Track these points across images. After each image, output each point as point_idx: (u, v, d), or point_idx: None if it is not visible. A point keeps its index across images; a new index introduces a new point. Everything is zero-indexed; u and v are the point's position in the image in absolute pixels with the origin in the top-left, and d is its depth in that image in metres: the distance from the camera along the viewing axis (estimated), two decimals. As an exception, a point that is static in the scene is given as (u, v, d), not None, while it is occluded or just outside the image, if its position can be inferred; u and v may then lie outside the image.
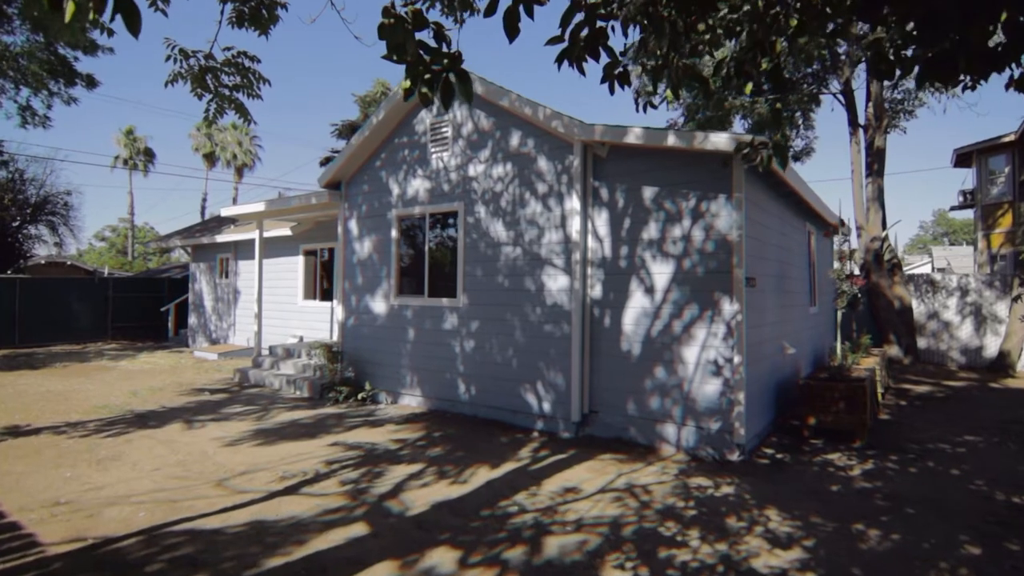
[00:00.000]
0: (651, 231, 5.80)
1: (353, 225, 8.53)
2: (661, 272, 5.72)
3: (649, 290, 5.79)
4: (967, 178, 19.81)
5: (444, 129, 7.38)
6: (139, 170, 44.93)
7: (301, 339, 12.27)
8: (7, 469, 4.82)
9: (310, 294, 12.45)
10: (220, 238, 14.19)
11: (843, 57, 12.20)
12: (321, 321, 11.95)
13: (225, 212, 10.55)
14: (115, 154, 43.02)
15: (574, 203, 6.13)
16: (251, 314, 13.83)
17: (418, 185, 7.67)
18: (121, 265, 41.11)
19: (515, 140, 6.69)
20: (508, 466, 5.03)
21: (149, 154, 45.12)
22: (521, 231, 6.62)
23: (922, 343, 12.32)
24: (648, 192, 5.82)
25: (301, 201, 9.07)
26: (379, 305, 8.10)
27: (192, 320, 15.89)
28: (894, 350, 11.79)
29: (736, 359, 5.24)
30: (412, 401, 7.67)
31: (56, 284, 16.46)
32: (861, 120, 12.30)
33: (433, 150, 7.51)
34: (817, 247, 9.10)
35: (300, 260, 12.49)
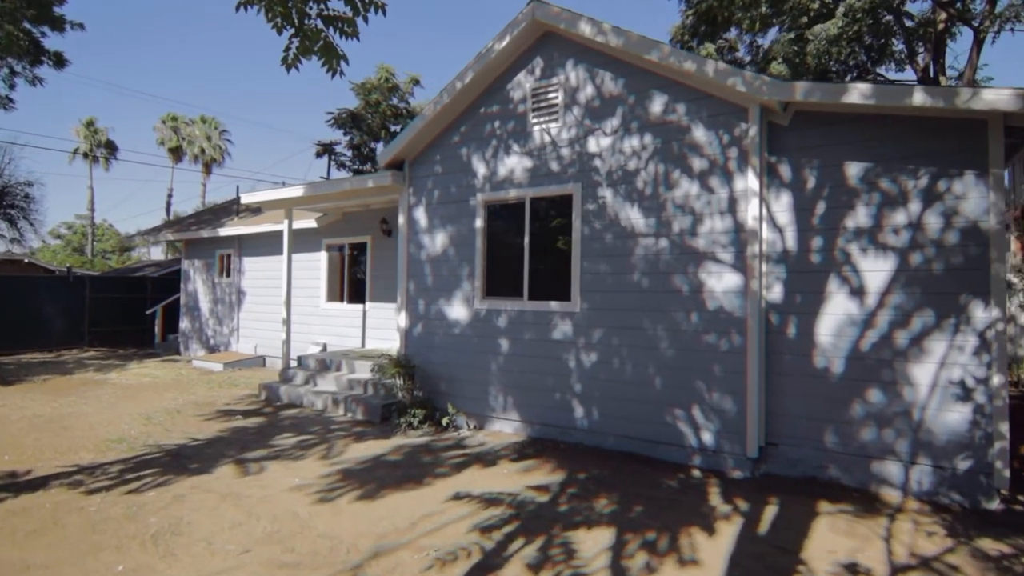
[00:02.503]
0: (858, 217, 4.61)
1: (420, 214, 7.08)
2: (875, 269, 4.53)
3: (856, 292, 4.60)
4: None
5: (552, 95, 6.04)
6: (99, 163, 41.85)
7: (324, 347, 10.68)
8: (20, 559, 3.24)
9: (335, 295, 10.87)
10: (223, 231, 12.40)
11: (919, 41, 11.38)
12: (349, 327, 10.39)
13: (247, 199, 8.91)
14: (73, 146, 39.81)
15: (749, 182, 4.89)
16: (257, 318, 12.14)
17: (514, 164, 6.30)
18: (82, 264, 38.00)
19: (657, 106, 5.41)
20: (725, 528, 3.75)
21: (111, 147, 42.10)
22: (667, 218, 5.34)
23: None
24: (854, 168, 4.63)
25: (354, 184, 7.55)
26: (458, 310, 6.68)
27: (184, 324, 14.00)
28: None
29: (996, 380, 4.09)
30: (506, 427, 6.28)
31: (24, 283, 14.28)
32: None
33: (535, 121, 6.15)
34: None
35: (323, 257, 10.90)
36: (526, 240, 6.18)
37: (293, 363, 9.41)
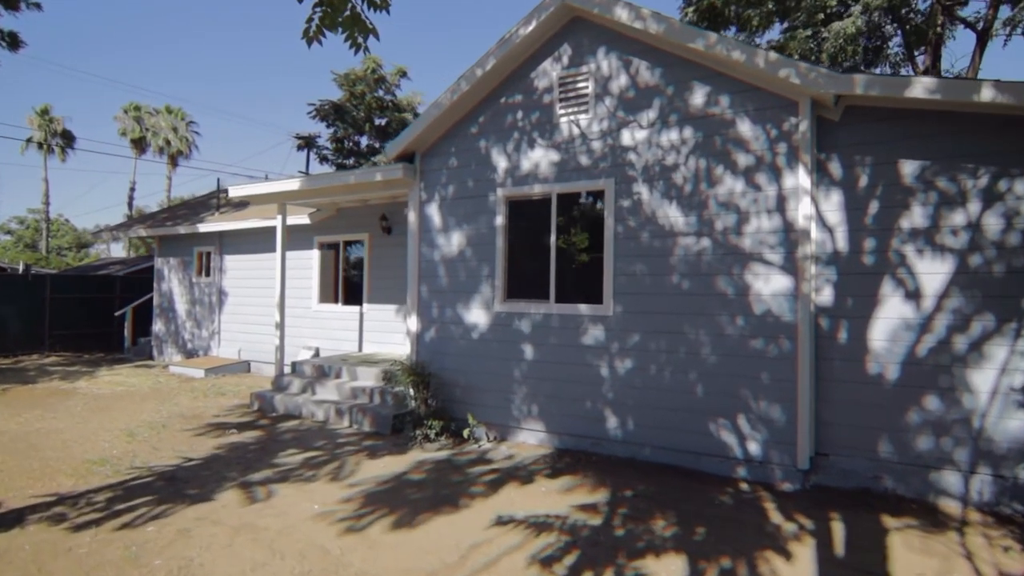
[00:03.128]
0: (914, 218, 4.41)
1: (433, 210, 6.64)
2: (932, 272, 4.35)
3: (912, 295, 4.41)
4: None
5: (581, 84, 5.69)
6: (55, 154, 39.63)
7: (317, 352, 10.10)
8: (1, 619, 2.71)
9: (328, 296, 10.28)
10: (204, 227, 11.62)
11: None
12: (344, 330, 9.83)
13: (236, 192, 8.26)
14: (27, 135, 37.46)
15: (800, 179, 4.65)
16: (241, 320, 11.43)
17: (539, 157, 5.93)
18: (36, 260, 35.92)
19: (698, 98, 5.13)
20: (799, 551, 3.48)
21: (67, 137, 39.90)
22: (709, 217, 5.06)
23: None
24: (909, 167, 4.44)
25: (359, 177, 7.03)
26: (476, 314, 6.27)
27: (158, 327, 13.10)
28: None
29: (1063, 387, 3.95)
30: (530, 438, 5.91)
31: (-26, 283, 13.13)
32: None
33: (563, 112, 5.79)
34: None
35: (315, 255, 10.29)
36: (552, 239, 5.82)
37: (288, 369, 8.81)
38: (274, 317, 10.78)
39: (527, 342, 5.94)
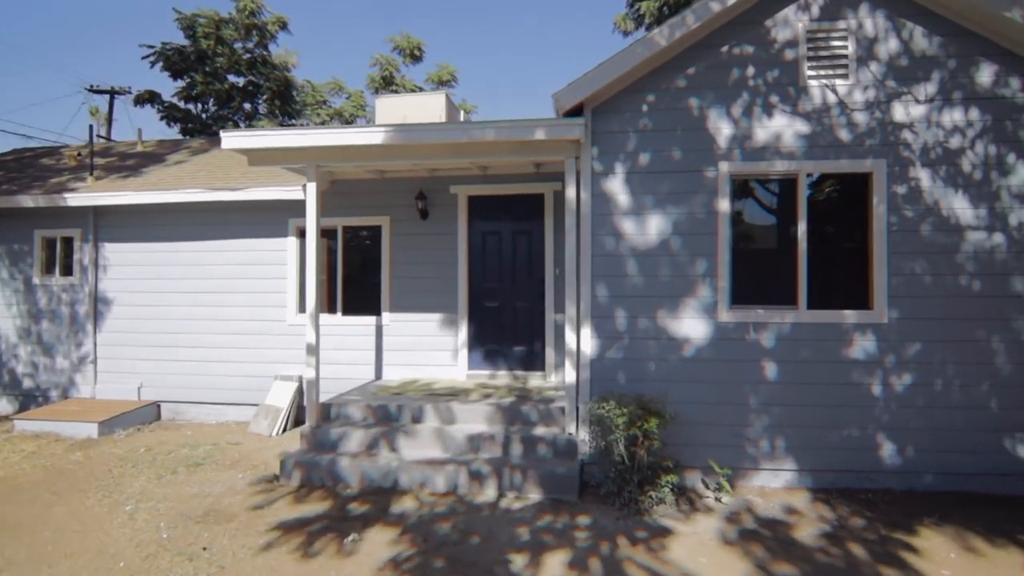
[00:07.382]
0: None
1: (615, 185, 4.89)
2: None
3: None
4: None
5: (837, 43, 4.67)
6: None
7: (301, 382, 7.08)
8: None
9: (319, 304, 7.32)
10: (74, 199, 7.31)
11: None
12: (347, 349, 7.11)
13: (239, 141, 5.08)
14: None
15: (1103, 174, 4.40)
16: (141, 341, 7.59)
17: (780, 127, 4.72)
18: None
19: (985, 76, 4.54)
20: None
21: None
22: (1002, 210, 4.51)
23: None
24: None
25: (501, 134, 4.78)
26: (688, 325, 4.78)
27: (-51, 358, 7.95)
28: None
29: None
30: (772, 480, 4.68)
31: None
32: None
33: (813, 73, 4.69)
34: None
35: (292, 245, 7.25)
36: (801, 229, 4.68)
37: (304, 409, 5.84)
38: (234, 334, 7.21)
39: (768, 359, 4.70)
